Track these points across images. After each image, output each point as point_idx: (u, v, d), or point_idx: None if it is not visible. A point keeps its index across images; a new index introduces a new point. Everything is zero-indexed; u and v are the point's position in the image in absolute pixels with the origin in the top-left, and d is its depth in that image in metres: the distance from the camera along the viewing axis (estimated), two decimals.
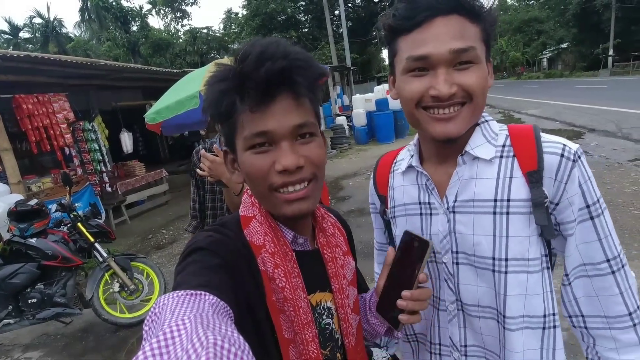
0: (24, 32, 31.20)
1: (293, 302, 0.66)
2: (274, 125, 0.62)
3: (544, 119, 11.42)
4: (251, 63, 0.59)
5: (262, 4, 24.79)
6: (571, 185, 0.74)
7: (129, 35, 22.57)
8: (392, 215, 0.95)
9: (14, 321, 3.18)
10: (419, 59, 0.73)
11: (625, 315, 0.75)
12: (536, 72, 40.89)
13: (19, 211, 3.34)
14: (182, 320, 0.43)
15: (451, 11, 0.71)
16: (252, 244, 0.68)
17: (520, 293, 0.77)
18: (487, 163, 0.79)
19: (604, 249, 0.74)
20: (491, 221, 0.77)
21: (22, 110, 5.49)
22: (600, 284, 0.75)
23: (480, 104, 0.76)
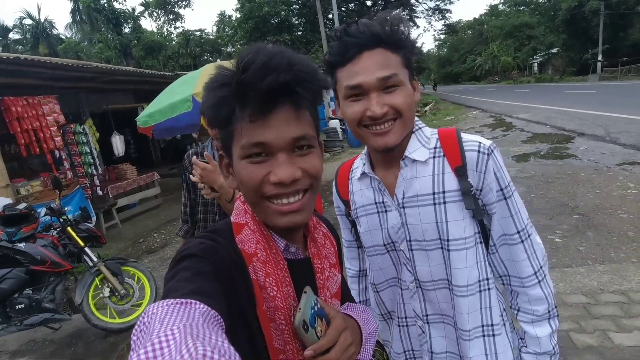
0: (14, 33, 30.88)
1: (284, 311, 0.66)
2: (272, 136, 0.61)
3: (535, 123, 11.56)
4: (254, 72, 0.58)
5: (255, 7, 24.80)
6: (489, 174, 0.92)
7: (121, 37, 22.43)
8: (355, 215, 1.10)
9: (1, 327, 3.13)
10: (354, 87, 0.89)
11: (532, 275, 0.96)
12: (527, 76, 41.40)
13: (7, 215, 3.29)
14: (171, 330, 0.43)
15: (375, 46, 0.87)
16: (243, 252, 0.67)
17: (462, 266, 0.94)
18: (423, 164, 0.96)
19: (515, 222, 0.95)
20: (432, 211, 0.95)
21: (11, 112, 5.43)
22: (515, 251, 0.96)
23: (408, 117, 0.91)
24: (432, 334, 1.03)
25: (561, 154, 7.51)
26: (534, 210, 4.85)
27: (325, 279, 0.77)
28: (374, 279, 1.13)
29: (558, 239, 4.02)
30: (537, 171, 6.60)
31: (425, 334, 1.04)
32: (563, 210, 4.74)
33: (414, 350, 1.08)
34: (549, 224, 4.43)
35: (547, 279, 0.97)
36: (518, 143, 9.19)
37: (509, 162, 7.51)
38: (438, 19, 37.42)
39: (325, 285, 0.77)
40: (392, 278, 1.08)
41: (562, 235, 4.09)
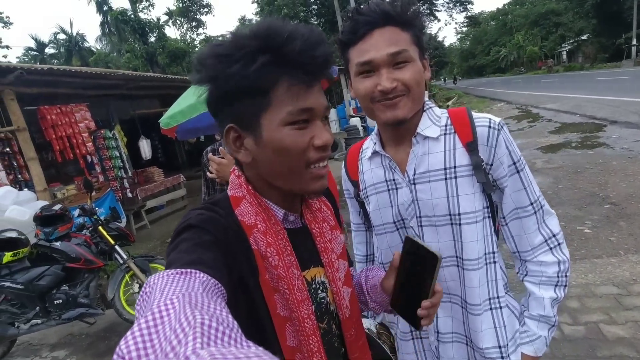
0: (49, 48, 32.51)
1: (287, 280, 0.67)
2: (315, 103, 0.66)
3: (563, 112, 11.11)
4: (305, 43, 0.61)
5: (274, 10, 25.05)
6: (499, 149, 0.95)
7: (147, 46, 23.19)
8: (365, 195, 1.12)
9: (41, 321, 3.33)
10: (365, 63, 0.92)
11: (543, 242, 0.98)
12: (555, 65, 39.74)
13: (44, 216, 3.50)
14: (170, 299, 0.43)
15: (385, 24, 0.91)
16: (243, 223, 0.68)
17: (473, 239, 0.96)
18: (435, 140, 0.99)
19: (528, 195, 0.97)
20: (444, 185, 0.96)
21: (47, 120, 5.75)
22: (527, 224, 0.98)
23: (417, 93, 0.93)
24: (438, 314, 1.03)
25: (592, 143, 7.19)
26: (561, 202, 4.69)
27: (328, 241, 0.78)
28: (382, 258, 1.14)
29: (588, 230, 3.88)
30: (565, 162, 6.36)
31: None
32: (593, 201, 4.56)
33: (420, 331, 1.09)
34: (578, 214, 4.27)
35: (562, 248, 0.98)
36: (545, 134, 8.87)
37: (536, 154, 7.28)
38: (459, 12, 36.66)
39: (329, 247, 0.78)
40: None
41: (592, 226, 3.94)
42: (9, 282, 3.22)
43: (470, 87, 36.91)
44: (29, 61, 30.96)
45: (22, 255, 3.34)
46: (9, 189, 4.65)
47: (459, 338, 1.03)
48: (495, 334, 0.98)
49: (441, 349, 1.04)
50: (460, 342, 1.03)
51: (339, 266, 0.79)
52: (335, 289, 0.77)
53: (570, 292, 2.88)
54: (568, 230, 3.92)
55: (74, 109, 6.11)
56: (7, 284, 3.21)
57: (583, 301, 2.77)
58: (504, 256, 1.09)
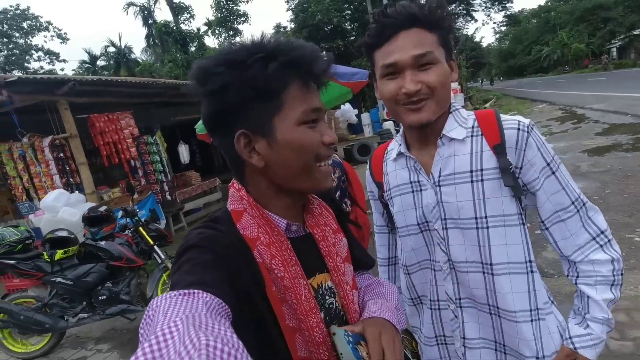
0: (101, 60, 34.70)
1: (294, 290, 0.67)
2: (321, 104, 0.71)
3: (612, 112, 10.41)
4: (311, 51, 0.67)
5: (309, 17, 25.38)
6: (529, 151, 0.92)
7: (187, 55, 24.20)
8: (389, 197, 1.11)
9: (88, 316, 3.56)
10: (389, 65, 0.93)
11: (591, 240, 0.94)
12: (603, 63, 37.32)
13: (91, 217, 3.74)
14: (174, 322, 0.43)
15: (411, 25, 0.90)
16: (246, 237, 0.68)
17: (502, 243, 0.94)
18: (461, 142, 0.97)
19: (568, 194, 0.93)
20: (470, 188, 0.95)
21: (95, 128, 6.15)
22: (571, 225, 0.94)
23: (442, 96, 0.93)
24: (464, 319, 1.01)
25: None
26: (609, 207, 4.40)
27: (331, 245, 0.79)
28: (405, 261, 1.12)
29: (638, 238, 3.61)
30: (613, 165, 5.96)
31: (458, 318, 1.02)
32: None
33: (445, 336, 1.06)
34: (628, 221, 3.99)
35: (613, 244, 0.94)
36: (591, 136, 8.37)
37: (580, 157, 6.88)
38: (498, 11, 35.42)
39: (333, 251, 0.78)
40: (424, 260, 1.07)
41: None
42: (60, 278, 3.46)
43: (509, 88, 35.47)
44: (82, 73, 33.21)
45: (72, 253, 3.59)
46: (61, 192, 5.01)
47: (488, 344, 1.00)
48: (535, 346, 0.95)
49: (468, 355, 1.02)
50: (489, 347, 1.00)
51: (345, 270, 0.79)
52: (343, 292, 0.77)
53: (618, 305, 2.69)
54: (616, 239, 3.63)
55: (120, 116, 6.48)
56: (59, 279, 3.46)
57: (632, 315, 2.59)
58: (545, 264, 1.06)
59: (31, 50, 34.11)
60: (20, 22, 32.88)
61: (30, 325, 3.45)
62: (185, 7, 27.32)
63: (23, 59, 33.61)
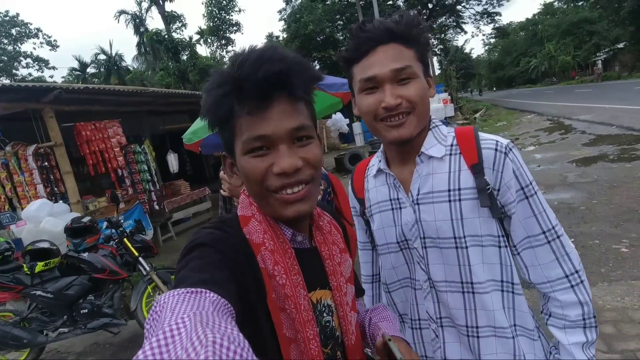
0: (91, 68, 34.47)
1: (294, 299, 0.66)
2: (271, 129, 0.63)
3: (598, 124, 10.62)
4: (249, 67, 0.61)
5: (301, 27, 25.60)
6: (506, 172, 0.90)
7: (179, 64, 24.16)
8: (370, 213, 1.10)
9: (69, 330, 3.45)
10: (368, 79, 0.91)
11: (563, 277, 0.90)
12: (589, 75, 38.18)
13: (74, 227, 3.66)
14: (181, 318, 0.43)
15: (389, 40, 0.90)
16: (251, 242, 0.68)
17: (480, 262, 0.92)
18: (439, 160, 0.96)
19: (540, 222, 0.90)
20: (448, 208, 0.93)
21: (82, 136, 6.06)
22: (540, 254, 0.91)
23: (422, 111, 0.92)
24: (445, 339, 0.99)
25: (630, 156, 6.81)
26: (596, 218, 4.45)
27: (337, 264, 0.77)
28: (386, 279, 1.11)
29: (625, 249, 3.64)
30: (600, 175, 6.05)
31: (439, 338, 1.00)
32: (631, 217, 4.29)
33: (427, 357, 1.04)
34: (614, 232, 4.02)
35: (584, 285, 0.90)
36: (578, 146, 8.50)
37: (568, 167, 6.97)
38: (487, 23, 36.15)
39: (338, 270, 0.77)
40: (404, 278, 1.05)
41: (630, 245, 3.69)
42: (40, 291, 3.36)
43: (499, 99, 36.06)
44: (72, 80, 32.96)
45: (53, 265, 3.49)
46: (44, 202, 4.90)
47: None
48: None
49: None
50: None
51: (347, 290, 0.78)
52: (342, 313, 0.76)
53: (605, 317, 2.69)
54: (603, 249, 3.70)
55: (107, 124, 6.41)
56: (39, 292, 3.36)
57: (619, 327, 2.58)
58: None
59: (20, 57, 33.79)
60: (9, 29, 32.58)
61: (8, 341, 3.32)
62: (177, 15, 27.39)
63: (11, 65, 33.24)
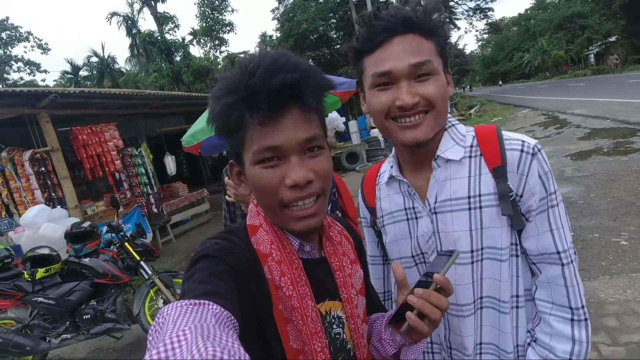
0: (83, 71, 34.18)
1: (301, 311, 0.64)
2: (283, 139, 0.61)
3: (593, 117, 10.68)
4: (262, 75, 0.58)
5: (294, 25, 25.55)
6: (531, 177, 0.81)
7: (172, 65, 24.04)
8: (382, 224, 1.01)
9: (71, 336, 3.43)
10: (382, 74, 0.81)
11: (566, 307, 0.82)
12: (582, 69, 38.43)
13: (74, 233, 3.63)
14: (182, 331, 0.43)
15: (407, 31, 0.79)
16: (259, 252, 0.67)
17: (493, 277, 0.85)
18: (458, 163, 0.87)
19: (555, 240, 0.82)
20: (467, 217, 0.85)
21: (78, 140, 6.03)
22: (553, 273, 0.83)
23: (441, 110, 0.82)
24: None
25: (625, 149, 6.86)
26: (594, 212, 4.48)
27: (347, 275, 0.75)
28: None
29: (624, 242, 3.67)
30: (597, 169, 6.09)
31: None
32: (629, 210, 4.32)
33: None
34: (613, 225, 4.05)
35: (586, 325, 0.81)
36: (574, 140, 8.55)
37: (565, 161, 7.01)
38: (479, 19, 36.28)
39: (348, 282, 0.75)
40: None
41: (629, 237, 3.72)
42: (42, 298, 3.34)
43: (493, 94, 36.19)
44: (64, 84, 32.70)
45: (54, 271, 3.47)
46: (42, 207, 4.86)
47: None
48: None
49: None
50: None
51: (358, 302, 0.76)
52: (354, 326, 0.73)
53: (608, 310, 2.72)
54: (603, 242, 3.73)
55: (104, 128, 6.38)
56: (40, 299, 3.33)
57: (622, 320, 2.61)
58: None
59: (10, 61, 33.43)
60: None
61: (10, 349, 3.30)
62: (170, 16, 27.19)
63: (2, 70, 32.90)
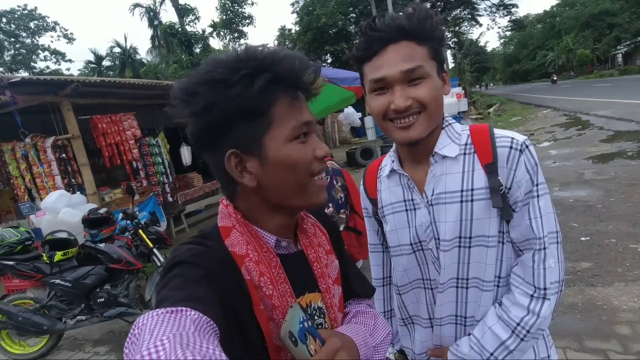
0: (106, 61, 34.98)
1: (282, 309, 0.65)
2: (311, 117, 0.69)
3: (616, 119, 10.35)
4: (298, 64, 0.65)
5: (313, 20, 25.48)
6: (519, 171, 0.88)
7: (192, 57, 24.32)
8: (382, 214, 1.08)
9: (86, 318, 3.54)
10: (377, 80, 0.89)
11: (531, 285, 0.89)
12: (609, 69, 37.13)
13: (91, 218, 3.74)
14: (160, 340, 0.42)
15: (400, 39, 0.87)
16: (234, 254, 0.66)
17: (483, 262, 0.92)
18: (453, 160, 0.94)
19: (532, 228, 0.88)
20: (458, 208, 0.92)
21: (98, 129, 6.16)
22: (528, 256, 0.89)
23: (434, 111, 0.89)
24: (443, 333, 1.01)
25: None
26: (613, 216, 4.36)
27: (324, 266, 0.78)
28: (397, 281, 1.10)
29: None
30: (618, 172, 5.91)
31: None
32: None
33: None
34: (632, 231, 3.94)
35: (544, 304, 0.87)
36: (596, 142, 8.31)
37: (584, 164, 6.83)
38: (503, 15, 35.39)
39: (325, 272, 0.77)
40: (415, 280, 1.05)
41: None
42: (59, 280, 3.45)
43: (513, 93, 35.39)
44: (88, 73, 33.47)
45: (71, 255, 3.58)
46: (62, 193, 5.01)
47: None
48: None
49: None
50: None
51: (335, 292, 0.79)
52: (333, 315, 0.77)
53: (622, 318, 2.66)
54: (620, 248, 3.63)
55: (123, 117, 6.49)
56: (57, 281, 3.45)
57: (636, 328, 2.54)
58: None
59: (37, 50, 34.40)
60: (28, 22, 33.18)
61: (28, 327, 3.44)
62: (191, 9, 27.49)
63: (30, 58, 33.89)
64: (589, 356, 2.36)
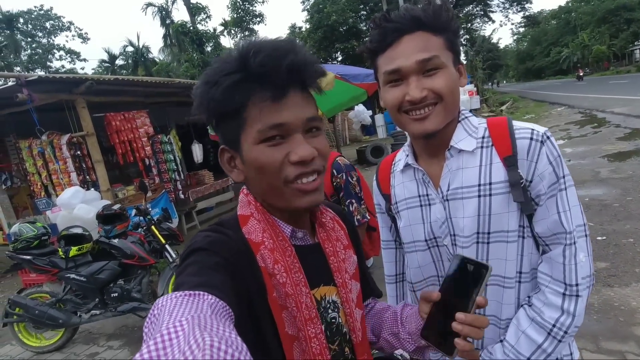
0: (119, 60, 35.44)
1: (295, 297, 0.66)
2: (289, 117, 0.63)
3: (634, 117, 10.08)
4: (268, 56, 0.61)
5: (324, 17, 25.42)
6: (541, 163, 0.85)
7: (203, 55, 24.47)
8: (396, 210, 1.06)
9: (100, 312, 3.61)
10: (392, 72, 0.87)
11: (561, 282, 0.84)
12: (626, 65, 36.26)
13: (105, 214, 3.80)
14: (179, 321, 0.43)
15: (415, 29, 0.85)
16: (250, 241, 0.67)
17: (503, 258, 0.89)
18: (470, 154, 0.91)
19: (562, 221, 0.84)
20: (476, 203, 0.89)
21: (112, 126, 6.25)
22: (557, 251, 0.85)
23: (450, 102, 0.87)
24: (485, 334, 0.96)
25: None
26: (631, 216, 4.26)
27: (341, 261, 0.77)
28: (411, 278, 1.08)
29: None
30: (635, 171, 5.77)
31: None
32: None
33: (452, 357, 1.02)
34: None
35: (577, 301, 0.83)
36: (612, 140, 8.12)
37: (600, 162, 6.68)
38: (516, 11, 34.82)
39: (342, 267, 0.77)
40: (430, 277, 1.03)
41: None
42: (74, 274, 3.53)
43: (527, 90, 34.82)
44: (102, 72, 33.97)
45: (86, 250, 3.65)
46: (77, 189, 5.10)
47: None
48: None
49: None
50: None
51: (352, 287, 0.78)
52: (349, 310, 0.75)
53: (639, 319, 2.60)
54: (638, 248, 3.55)
55: (136, 115, 6.58)
56: (72, 275, 3.52)
57: None
58: None
59: (53, 49, 35.05)
60: (44, 22, 33.82)
61: (45, 320, 3.52)
62: (202, 7, 27.67)
63: (45, 58, 34.55)
64: (605, 357, 2.32)
